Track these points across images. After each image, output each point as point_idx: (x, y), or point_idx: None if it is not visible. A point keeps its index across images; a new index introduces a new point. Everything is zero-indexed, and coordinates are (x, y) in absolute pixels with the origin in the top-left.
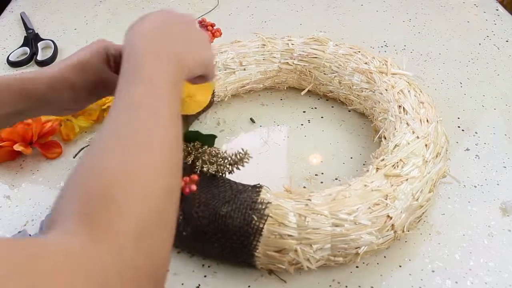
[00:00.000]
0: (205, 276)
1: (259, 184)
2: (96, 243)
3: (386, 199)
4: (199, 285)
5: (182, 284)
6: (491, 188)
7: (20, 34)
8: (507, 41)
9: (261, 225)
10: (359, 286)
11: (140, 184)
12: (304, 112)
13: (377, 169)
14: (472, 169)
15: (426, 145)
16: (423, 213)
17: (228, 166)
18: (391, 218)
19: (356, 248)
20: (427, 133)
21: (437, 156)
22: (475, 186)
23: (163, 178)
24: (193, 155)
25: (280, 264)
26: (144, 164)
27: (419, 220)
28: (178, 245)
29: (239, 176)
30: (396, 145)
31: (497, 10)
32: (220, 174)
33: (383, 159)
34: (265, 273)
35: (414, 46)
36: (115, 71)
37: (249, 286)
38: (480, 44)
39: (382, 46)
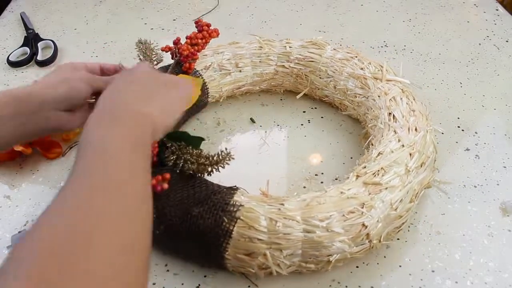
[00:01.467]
0: (205, 276)
1: (235, 186)
2: None
3: (362, 208)
4: (199, 285)
5: (182, 284)
6: (491, 188)
7: (20, 34)
8: (507, 41)
9: (231, 227)
10: (359, 286)
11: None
12: (304, 112)
13: (357, 176)
14: (472, 169)
15: (410, 154)
16: (403, 223)
17: (209, 166)
18: (366, 227)
19: (328, 255)
20: (413, 142)
21: (421, 166)
22: (475, 186)
23: (118, 247)
24: (176, 154)
25: (250, 267)
26: (94, 235)
27: (399, 230)
28: (152, 243)
29: (238, 176)
30: (379, 152)
31: (497, 10)
32: (199, 174)
33: (364, 167)
34: (265, 273)
35: (414, 46)
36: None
37: (249, 286)
38: (480, 44)
39: (382, 46)
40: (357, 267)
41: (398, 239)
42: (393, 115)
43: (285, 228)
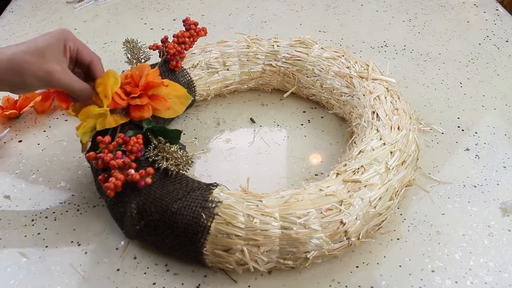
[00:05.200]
0: (205, 276)
1: (215, 182)
2: None
3: (340, 205)
4: (199, 285)
5: (182, 284)
6: (491, 188)
7: (20, 34)
8: (507, 41)
9: (209, 223)
10: (359, 286)
11: None
12: (304, 112)
13: (337, 174)
14: (472, 169)
15: (391, 152)
16: (383, 221)
17: (184, 165)
18: (344, 224)
19: (306, 252)
20: (395, 140)
21: (402, 164)
22: (475, 186)
23: None
24: (156, 151)
25: (228, 263)
26: None
27: (379, 228)
28: (135, 237)
29: (239, 176)
30: (360, 150)
31: (497, 10)
32: (175, 171)
33: (345, 164)
34: (265, 273)
35: (414, 46)
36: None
37: (249, 286)
38: (480, 44)
39: (382, 46)
40: (357, 267)
41: (398, 239)
42: (377, 114)
43: (262, 224)
